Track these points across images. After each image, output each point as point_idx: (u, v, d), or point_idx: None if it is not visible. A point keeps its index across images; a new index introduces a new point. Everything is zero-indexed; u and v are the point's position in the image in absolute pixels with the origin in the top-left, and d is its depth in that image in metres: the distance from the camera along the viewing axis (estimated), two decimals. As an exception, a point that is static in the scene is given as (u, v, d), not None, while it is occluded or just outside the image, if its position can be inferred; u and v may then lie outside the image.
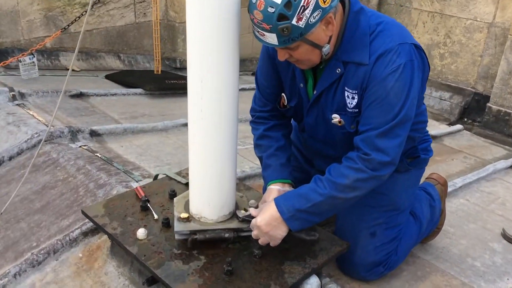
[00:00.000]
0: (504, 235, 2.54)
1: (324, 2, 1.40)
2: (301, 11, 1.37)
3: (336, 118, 1.69)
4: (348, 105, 1.62)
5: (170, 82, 4.01)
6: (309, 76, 1.70)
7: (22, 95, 3.19)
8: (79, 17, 4.06)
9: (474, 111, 5.42)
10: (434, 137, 4.12)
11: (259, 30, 1.44)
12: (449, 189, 2.73)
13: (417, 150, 1.90)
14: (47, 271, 1.91)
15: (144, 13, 4.85)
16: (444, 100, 5.62)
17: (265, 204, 1.68)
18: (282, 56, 1.54)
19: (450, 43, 5.54)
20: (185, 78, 4.34)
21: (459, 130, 4.61)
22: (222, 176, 1.70)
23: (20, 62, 3.58)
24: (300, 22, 1.39)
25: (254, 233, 1.67)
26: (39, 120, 2.87)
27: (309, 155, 2.04)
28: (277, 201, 1.62)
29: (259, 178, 2.67)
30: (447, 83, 5.61)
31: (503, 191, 3.24)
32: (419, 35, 5.73)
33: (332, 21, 1.49)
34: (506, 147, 4.51)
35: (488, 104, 5.09)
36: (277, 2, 1.35)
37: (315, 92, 1.68)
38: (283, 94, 1.84)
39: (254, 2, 1.40)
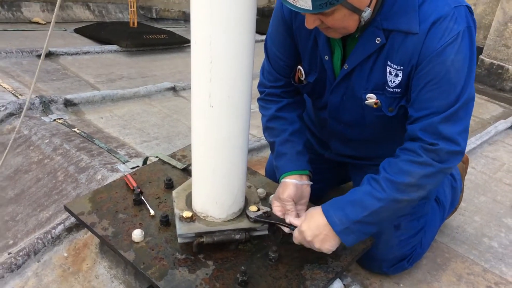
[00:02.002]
0: (516, 208, 2.42)
1: None
2: None
3: (371, 98, 1.41)
4: (389, 83, 1.35)
5: (148, 37, 3.61)
6: (336, 47, 1.41)
7: (-19, 57, 2.80)
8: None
9: (465, 63, 5.24)
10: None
11: None
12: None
13: None
14: (29, 275, 1.66)
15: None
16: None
17: (310, 209, 1.43)
18: (311, 23, 1.25)
19: (443, -9, 5.25)
20: (166, 32, 3.97)
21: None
22: (233, 171, 1.45)
23: (-23, 16, 3.14)
24: None
25: (296, 238, 1.44)
26: (4, 87, 2.51)
27: (324, 136, 1.78)
28: (326, 210, 1.38)
29: (257, 152, 2.43)
30: (439, 34, 5.37)
31: (507, 156, 3.12)
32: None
33: None
34: (502, 104, 4.38)
35: (481, 57, 4.92)
36: None
37: (346, 66, 1.40)
38: (299, 67, 1.55)
39: None
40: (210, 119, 1.33)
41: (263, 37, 1.72)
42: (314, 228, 1.37)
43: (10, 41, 3.16)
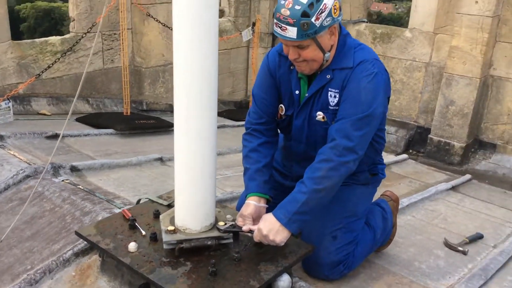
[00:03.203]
0: (446, 243, 2.91)
1: (334, 13, 1.87)
2: (319, 13, 1.82)
3: (320, 115, 2.06)
4: (331, 103, 2.02)
5: (139, 122, 4.28)
6: (303, 84, 2.10)
7: (1, 137, 3.37)
8: (52, 65, 4.31)
9: (417, 142, 5.97)
10: (383, 165, 4.54)
11: (282, 25, 1.84)
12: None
13: (377, 168, 2.31)
14: (44, 289, 2.09)
15: (112, 60, 5.16)
16: (391, 134, 6.14)
17: (266, 215, 1.99)
18: (292, 55, 1.93)
19: (393, 82, 6.12)
20: (153, 118, 4.65)
21: (404, 159, 5.08)
22: (205, 193, 1.98)
23: (-4, 107, 3.78)
24: (317, 21, 1.82)
25: (257, 239, 1.96)
26: (21, 159, 3.06)
27: (288, 163, 2.36)
28: (274, 212, 1.96)
29: (229, 203, 2.95)
30: (392, 118, 6.15)
31: (445, 208, 3.65)
32: (365, 76, 6.28)
33: (335, 32, 1.95)
34: (447, 172, 5.00)
35: (430, 136, 5.63)
36: (303, 2, 1.80)
37: (307, 95, 2.07)
38: (281, 105, 2.19)
39: (283, 3, 1.83)
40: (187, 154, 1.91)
41: (240, 122, 2.43)
42: (267, 225, 1.92)
43: (22, 127, 3.77)
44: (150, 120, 4.43)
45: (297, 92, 2.11)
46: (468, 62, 5.07)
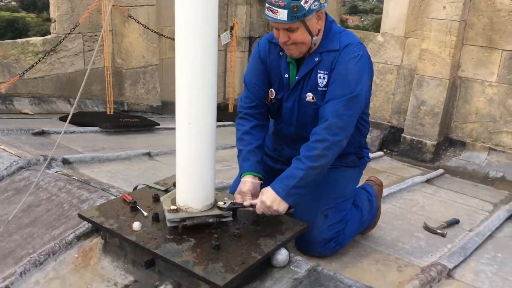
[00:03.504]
0: (426, 227, 3.09)
1: None
2: None
3: (309, 96, 2.21)
4: (320, 84, 2.16)
5: (124, 121, 4.33)
6: (292, 68, 2.24)
7: (-12, 133, 3.39)
8: (34, 65, 4.32)
9: (391, 142, 6.20)
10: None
11: (274, 8, 1.98)
12: (377, 197, 3.26)
13: (363, 152, 2.48)
14: (48, 270, 2.14)
15: (93, 61, 5.19)
16: (366, 134, 6.34)
17: (264, 188, 2.13)
18: (283, 37, 2.07)
19: (366, 84, 6.35)
20: (137, 117, 4.71)
21: (380, 156, 5.30)
22: (205, 174, 2.08)
23: (-20, 105, 3.77)
24: (306, 4, 1.98)
25: (260, 211, 2.11)
26: (11, 153, 3.08)
27: (279, 147, 2.49)
28: (272, 185, 2.10)
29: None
30: (367, 119, 6.36)
31: (422, 198, 3.85)
32: (340, 78, 6.49)
33: (322, 17, 2.10)
34: (421, 168, 5.24)
35: (403, 135, 5.86)
36: None
37: (296, 77, 2.21)
38: (271, 89, 2.33)
39: None
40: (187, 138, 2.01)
41: (221, 123, 2.55)
42: (269, 197, 2.07)
43: (7, 125, 3.77)
44: (134, 119, 4.49)
45: (286, 75, 2.26)
46: (438, 64, 5.34)
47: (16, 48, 4.62)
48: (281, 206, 2.08)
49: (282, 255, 2.05)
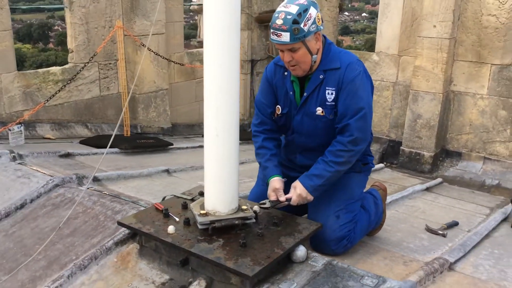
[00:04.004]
0: (428, 229, 3.36)
1: (318, 21, 2.38)
2: (306, 20, 2.32)
3: (319, 110, 2.53)
4: (328, 99, 2.49)
5: (140, 142, 4.63)
6: (296, 86, 2.58)
7: (20, 156, 3.66)
8: (57, 93, 4.64)
9: (391, 155, 6.48)
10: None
11: (277, 32, 2.32)
12: (380, 204, 3.53)
13: (367, 159, 2.78)
14: (92, 272, 2.40)
15: (108, 87, 5.53)
16: (366, 148, 6.63)
17: (295, 183, 2.53)
18: (287, 57, 2.41)
19: (365, 101, 6.66)
20: (152, 138, 5.01)
21: (381, 168, 5.59)
22: (231, 182, 2.36)
23: (10, 130, 4.05)
24: (305, 27, 2.32)
25: (295, 200, 2.50)
26: (44, 173, 3.36)
27: (292, 156, 2.78)
28: (303, 181, 2.49)
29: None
30: (367, 134, 6.66)
31: (422, 204, 4.13)
32: (340, 96, 6.81)
33: (319, 38, 2.43)
34: (421, 178, 5.52)
35: (401, 148, 6.14)
36: (293, 13, 2.29)
37: (305, 94, 2.54)
38: (278, 106, 2.67)
39: (277, 15, 2.32)
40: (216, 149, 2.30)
41: None
42: (302, 191, 2.47)
43: (35, 148, 4.06)
44: (149, 140, 4.79)
45: (291, 93, 2.60)
46: (431, 80, 5.67)
47: (38, 77, 4.95)
48: (308, 197, 2.50)
49: (301, 251, 2.31)
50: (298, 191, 2.49)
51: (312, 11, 2.35)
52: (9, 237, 2.78)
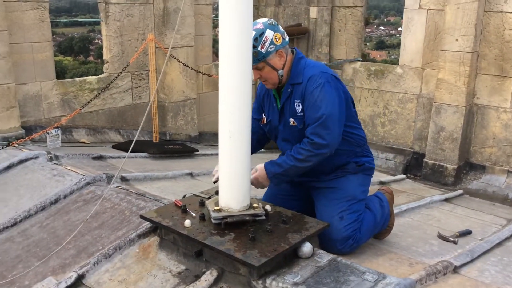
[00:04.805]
0: (439, 236, 3.45)
1: (276, 41, 2.61)
2: (263, 43, 2.57)
3: (291, 120, 2.75)
4: (297, 111, 2.70)
5: (168, 147, 4.90)
6: (277, 98, 2.82)
7: (56, 157, 3.97)
8: (91, 100, 4.98)
9: (414, 167, 6.54)
10: (383, 183, 5.12)
11: None
12: (396, 211, 3.64)
13: (362, 160, 2.90)
14: (115, 261, 2.63)
15: (140, 96, 5.85)
16: (389, 160, 6.72)
17: (259, 166, 2.78)
18: (255, 75, 2.66)
19: (388, 113, 6.77)
20: (179, 144, 5.27)
21: (402, 179, 5.66)
22: (243, 180, 2.56)
23: (48, 134, 4.38)
24: (262, 49, 2.58)
25: (251, 180, 2.66)
26: (77, 172, 3.65)
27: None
28: (266, 165, 2.74)
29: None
30: (390, 146, 6.76)
31: (439, 213, 4.19)
32: (363, 108, 6.95)
33: (283, 55, 2.66)
34: (442, 190, 5.56)
35: (425, 160, 6.20)
36: (252, 38, 2.46)
37: (279, 105, 2.78)
38: (264, 115, 2.92)
39: None
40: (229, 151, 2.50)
41: None
42: (260, 174, 2.74)
43: (70, 151, 4.38)
44: (176, 146, 5.06)
45: (274, 104, 2.85)
46: (454, 92, 5.73)
47: (75, 86, 5.32)
48: (266, 182, 2.79)
49: (307, 247, 2.47)
50: (257, 174, 2.75)
51: (268, 33, 2.58)
52: (44, 228, 3.06)
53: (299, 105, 2.69)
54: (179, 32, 5.95)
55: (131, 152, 4.77)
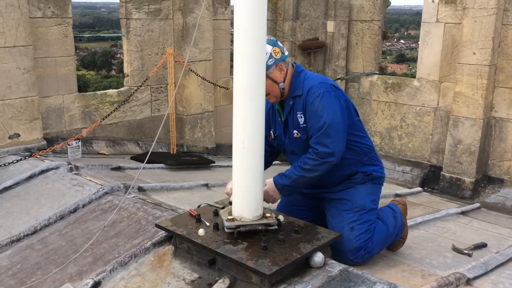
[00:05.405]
0: (454, 248, 3.43)
1: (275, 55, 2.69)
2: None
3: (295, 132, 2.81)
4: (300, 123, 2.76)
5: (185, 159, 4.99)
6: (280, 112, 2.88)
7: (76, 168, 4.09)
8: (112, 113, 5.11)
9: (431, 180, 6.50)
10: (399, 195, 5.10)
11: None
12: (410, 223, 3.64)
13: (369, 169, 2.91)
14: (131, 269, 2.70)
15: (158, 109, 5.98)
16: (406, 173, 6.70)
17: (268, 181, 2.80)
18: None
19: (405, 126, 6.76)
20: (196, 155, 5.36)
21: (419, 191, 5.63)
22: (256, 190, 2.61)
23: (69, 145, 4.52)
24: None
25: (264, 197, 2.68)
26: (96, 182, 3.75)
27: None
28: (275, 178, 2.78)
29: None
30: (407, 159, 6.74)
31: (454, 226, 4.17)
32: (380, 121, 6.96)
33: (283, 68, 2.73)
34: (459, 203, 5.51)
35: (442, 173, 6.17)
36: None
37: (282, 119, 2.85)
38: (271, 131, 2.98)
39: None
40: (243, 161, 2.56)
41: None
42: (270, 187, 2.77)
43: (90, 162, 4.49)
44: (193, 157, 5.14)
45: (278, 118, 2.91)
46: (471, 105, 5.71)
47: (96, 98, 5.47)
48: (277, 196, 2.81)
49: (319, 257, 2.50)
50: (267, 187, 2.78)
51: (267, 48, 2.64)
52: (62, 236, 3.15)
53: (301, 117, 2.75)
54: (198, 46, 6.07)
55: (149, 163, 4.87)
